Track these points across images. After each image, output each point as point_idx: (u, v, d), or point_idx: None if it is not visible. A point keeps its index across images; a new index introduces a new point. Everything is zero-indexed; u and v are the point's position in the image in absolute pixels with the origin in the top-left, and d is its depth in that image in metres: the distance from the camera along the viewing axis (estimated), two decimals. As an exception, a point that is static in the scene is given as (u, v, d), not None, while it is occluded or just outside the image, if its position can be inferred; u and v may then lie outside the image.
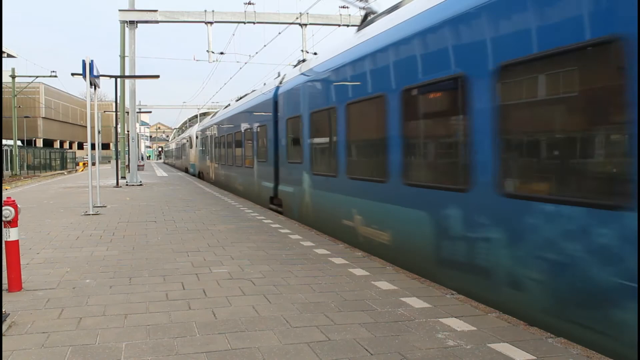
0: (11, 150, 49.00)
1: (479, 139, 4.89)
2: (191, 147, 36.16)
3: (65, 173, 49.96)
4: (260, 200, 14.05)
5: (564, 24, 3.97)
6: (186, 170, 40.29)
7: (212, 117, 27.58)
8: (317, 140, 9.56)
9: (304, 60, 12.81)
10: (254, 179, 15.12)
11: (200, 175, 30.35)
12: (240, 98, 19.56)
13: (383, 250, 6.90)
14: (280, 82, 12.37)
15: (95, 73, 12.43)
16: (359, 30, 8.59)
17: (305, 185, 10.21)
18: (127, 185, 22.10)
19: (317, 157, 9.60)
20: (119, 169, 23.60)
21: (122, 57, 24.39)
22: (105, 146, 71.38)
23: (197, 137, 32.18)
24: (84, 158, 66.36)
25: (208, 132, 26.46)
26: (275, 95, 12.39)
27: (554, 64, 4.13)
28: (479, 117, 4.87)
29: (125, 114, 26.79)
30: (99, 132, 16.20)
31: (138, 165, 24.71)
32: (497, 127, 4.67)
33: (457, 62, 5.28)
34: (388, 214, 6.76)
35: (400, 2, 7.42)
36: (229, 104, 23.30)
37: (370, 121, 7.35)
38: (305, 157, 10.12)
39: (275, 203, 12.63)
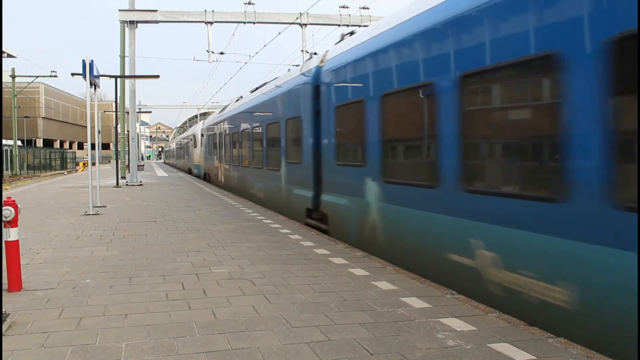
0: (11, 150, 49.01)
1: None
2: (195, 147, 33.92)
3: (65, 173, 49.98)
4: (291, 212, 11.25)
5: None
6: (189, 171, 38.02)
7: (220, 111, 24.07)
8: (394, 133, 6.99)
9: (351, 33, 9.96)
10: (280, 185, 12.28)
11: (206, 178, 27.24)
12: (257, 88, 16.58)
13: (557, 320, 4.22)
14: (322, 61, 9.73)
15: (95, 73, 12.43)
16: None
17: (369, 197, 7.54)
18: (127, 185, 22.10)
19: (395, 158, 7.05)
20: (119, 169, 23.60)
21: (122, 57, 24.40)
22: (105, 146, 71.38)
23: (202, 135, 29.27)
24: (84, 158, 66.38)
25: (216, 129, 23.10)
26: (316, 78, 9.67)
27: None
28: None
29: (125, 114, 26.79)
30: (99, 132, 16.21)
31: (138, 165, 24.70)
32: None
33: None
34: (564, 256, 4.17)
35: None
36: (241, 97, 20.49)
37: (518, 97, 4.79)
38: (371, 157, 7.46)
39: (315, 217, 9.92)
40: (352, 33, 9.78)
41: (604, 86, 3.79)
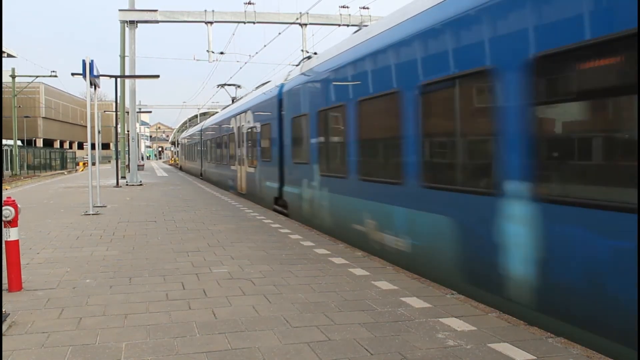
0: (11, 150, 49.00)
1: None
2: (223, 146, 21.31)
3: (65, 173, 49.97)
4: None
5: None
6: (200, 176, 30.06)
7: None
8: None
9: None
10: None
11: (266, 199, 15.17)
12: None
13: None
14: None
15: (95, 73, 12.44)
16: None
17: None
18: (127, 185, 22.10)
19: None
20: (119, 168, 23.60)
21: (122, 57, 24.40)
22: (106, 146, 71.33)
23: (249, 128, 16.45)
24: (84, 158, 66.35)
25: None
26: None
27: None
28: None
29: (125, 114, 26.79)
30: (99, 132, 16.20)
31: (138, 165, 24.70)
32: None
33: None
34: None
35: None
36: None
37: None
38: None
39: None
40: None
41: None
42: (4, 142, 49.41)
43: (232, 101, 24.67)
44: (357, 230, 7.77)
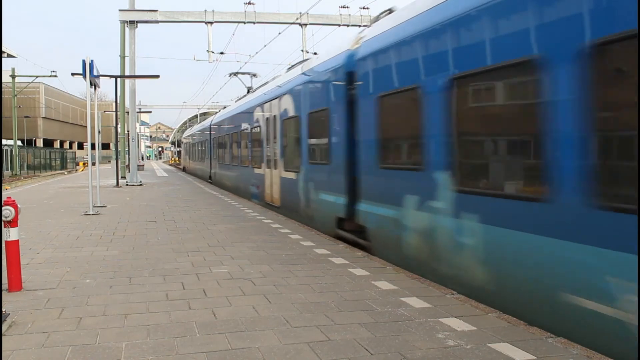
0: (11, 150, 48.98)
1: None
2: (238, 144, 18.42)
3: (66, 173, 49.96)
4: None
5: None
6: (209, 178, 25.63)
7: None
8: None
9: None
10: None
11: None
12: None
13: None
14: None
15: (95, 73, 12.43)
16: None
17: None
18: (127, 185, 22.10)
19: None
20: (119, 168, 23.59)
21: (122, 57, 24.39)
22: (106, 146, 71.34)
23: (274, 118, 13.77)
24: (84, 158, 66.35)
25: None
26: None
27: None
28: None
29: (125, 114, 26.78)
30: (99, 132, 16.20)
31: (138, 165, 24.70)
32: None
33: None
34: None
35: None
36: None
37: None
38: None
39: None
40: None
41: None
42: (4, 142, 49.40)
43: (248, 91, 20.93)
44: (581, 310, 3.99)
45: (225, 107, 24.92)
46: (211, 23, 23.87)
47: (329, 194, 9.12)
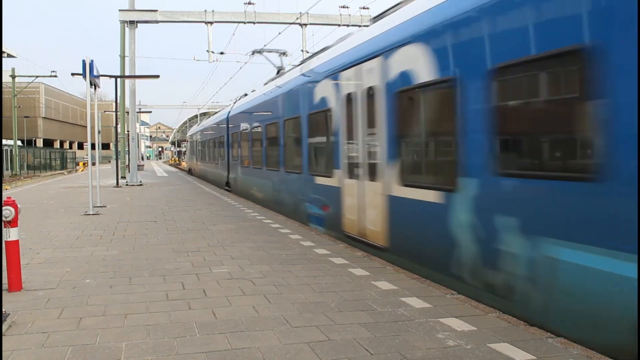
0: (11, 150, 48.96)
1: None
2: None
3: (66, 173, 49.95)
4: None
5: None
6: (227, 185, 20.35)
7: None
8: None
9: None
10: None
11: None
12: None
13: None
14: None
15: (95, 73, 12.43)
16: None
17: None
18: (127, 185, 22.10)
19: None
20: (119, 168, 23.59)
21: (122, 57, 24.39)
22: (106, 146, 71.32)
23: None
24: (84, 158, 66.33)
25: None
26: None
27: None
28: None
29: (125, 114, 26.78)
30: (99, 132, 16.20)
31: (138, 165, 24.69)
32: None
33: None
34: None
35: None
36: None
37: None
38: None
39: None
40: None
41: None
42: (4, 142, 49.37)
43: (278, 72, 16.38)
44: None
45: (245, 95, 19.81)
46: (211, 23, 23.87)
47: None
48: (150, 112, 73.37)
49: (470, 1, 5.20)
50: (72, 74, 17.10)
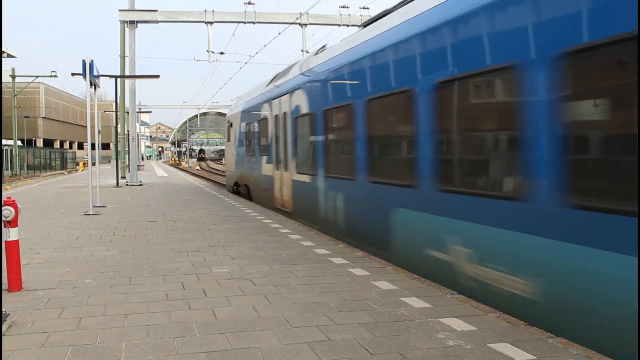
0: (11, 150, 48.95)
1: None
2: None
3: (66, 173, 49.94)
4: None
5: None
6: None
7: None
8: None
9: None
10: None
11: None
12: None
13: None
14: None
15: (95, 73, 12.43)
16: None
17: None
18: (127, 185, 22.10)
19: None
20: (119, 168, 23.59)
21: (122, 57, 24.39)
22: (106, 146, 71.30)
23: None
24: (84, 158, 66.34)
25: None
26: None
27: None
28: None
29: (125, 114, 26.78)
30: (99, 132, 16.21)
31: (138, 165, 24.69)
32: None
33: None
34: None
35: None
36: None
37: None
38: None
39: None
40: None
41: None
42: (4, 142, 49.37)
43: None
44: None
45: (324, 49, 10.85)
46: (211, 23, 23.86)
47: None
48: (150, 112, 73.36)
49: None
50: (72, 74, 17.13)
